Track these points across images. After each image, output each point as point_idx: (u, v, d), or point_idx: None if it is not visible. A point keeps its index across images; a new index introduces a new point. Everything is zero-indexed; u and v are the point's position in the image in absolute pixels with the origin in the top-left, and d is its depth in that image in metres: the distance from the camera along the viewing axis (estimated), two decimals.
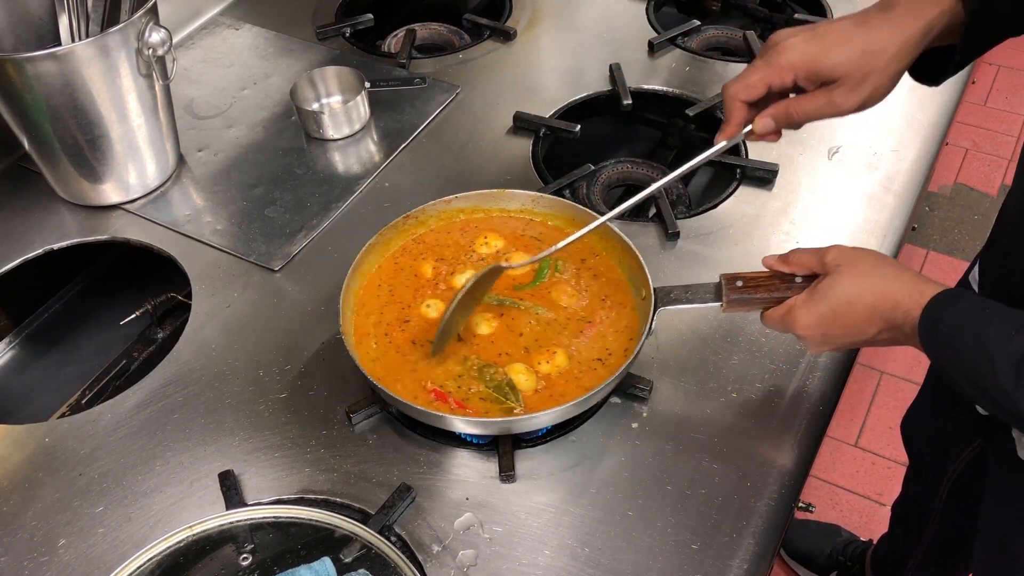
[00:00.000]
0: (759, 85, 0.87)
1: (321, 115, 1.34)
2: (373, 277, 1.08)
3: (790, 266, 0.88)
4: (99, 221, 1.26)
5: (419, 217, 1.11)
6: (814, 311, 0.83)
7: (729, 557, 0.88)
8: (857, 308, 0.81)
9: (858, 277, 0.81)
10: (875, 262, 0.82)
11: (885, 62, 0.83)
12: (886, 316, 0.79)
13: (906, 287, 0.79)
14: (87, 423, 1.02)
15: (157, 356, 1.16)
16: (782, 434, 0.97)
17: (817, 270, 0.86)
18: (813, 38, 0.85)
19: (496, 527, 0.91)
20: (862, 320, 0.81)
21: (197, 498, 0.94)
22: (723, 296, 0.91)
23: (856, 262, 0.82)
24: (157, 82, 1.21)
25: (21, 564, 0.90)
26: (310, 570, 0.84)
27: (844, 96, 0.85)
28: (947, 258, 2.61)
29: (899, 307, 0.78)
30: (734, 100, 0.89)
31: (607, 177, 1.33)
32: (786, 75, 0.86)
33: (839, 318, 0.82)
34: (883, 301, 0.79)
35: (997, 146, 2.93)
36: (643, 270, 1.00)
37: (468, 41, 1.59)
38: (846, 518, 2.04)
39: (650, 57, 1.50)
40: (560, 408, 0.90)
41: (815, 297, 0.83)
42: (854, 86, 0.84)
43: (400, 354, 1.00)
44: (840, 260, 0.83)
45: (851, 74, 0.83)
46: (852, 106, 0.85)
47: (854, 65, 0.83)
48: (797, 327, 0.85)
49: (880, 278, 0.81)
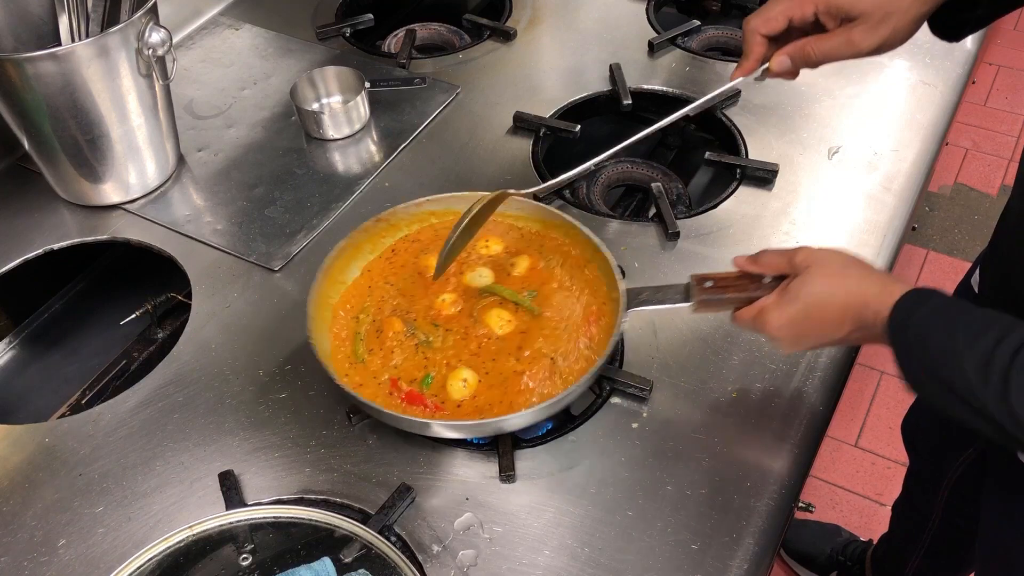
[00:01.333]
0: (780, 18, 0.85)
1: (321, 115, 1.34)
2: (364, 277, 1.07)
3: (759, 267, 0.88)
4: (99, 221, 1.26)
5: (390, 220, 1.10)
6: (785, 312, 0.83)
7: (729, 557, 0.88)
8: (829, 308, 0.81)
9: (828, 277, 0.81)
10: (844, 262, 0.83)
11: (908, 3, 0.82)
12: (857, 315, 0.80)
13: (875, 287, 0.79)
14: (87, 423, 1.02)
15: (157, 356, 1.16)
16: (782, 434, 0.97)
17: (786, 271, 0.86)
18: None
19: (496, 527, 0.91)
20: (834, 320, 0.81)
21: (197, 498, 0.94)
22: (692, 296, 0.91)
23: (826, 262, 0.82)
24: (157, 82, 1.21)
25: (21, 564, 0.90)
26: (310, 570, 0.84)
27: (863, 35, 0.83)
28: (947, 258, 2.61)
29: (869, 307, 0.78)
30: (755, 34, 0.88)
31: (607, 177, 1.33)
32: (807, 7, 0.84)
33: (810, 318, 0.82)
34: (854, 300, 0.80)
35: (997, 146, 2.93)
36: (611, 271, 0.99)
37: (468, 41, 1.59)
38: (846, 518, 2.04)
39: (650, 57, 1.50)
40: (535, 408, 0.90)
41: (786, 298, 0.83)
42: (874, 25, 0.82)
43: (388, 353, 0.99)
44: (809, 261, 0.83)
45: (872, 12, 0.82)
46: (870, 46, 0.84)
47: (875, 3, 0.81)
48: (769, 328, 0.85)
49: (850, 278, 0.81)
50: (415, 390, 0.95)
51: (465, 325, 1.00)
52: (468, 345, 0.98)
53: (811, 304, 0.82)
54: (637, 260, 1.15)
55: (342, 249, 1.06)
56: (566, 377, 0.95)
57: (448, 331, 1.00)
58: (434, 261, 1.07)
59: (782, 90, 1.41)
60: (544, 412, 0.92)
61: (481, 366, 0.97)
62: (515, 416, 0.90)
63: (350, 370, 0.98)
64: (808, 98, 1.40)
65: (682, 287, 0.93)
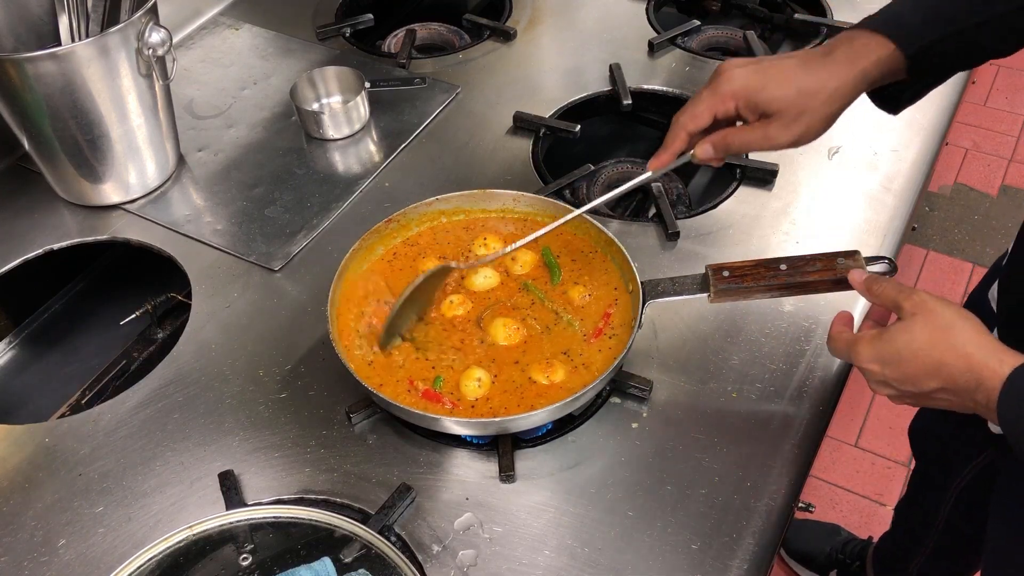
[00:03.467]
0: (706, 114, 0.89)
1: (321, 115, 1.34)
2: (366, 278, 1.07)
3: (873, 296, 0.86)
4: (99, 221, 1.26)
5: (400, 221, 1.11)
6: (878, 349, 0.80)
7: (729, 557, 0.88)
8: (922, 359, 0.77)
9: (932, 330, 0.77)
10: (953, 319, 0.78)
11: (819, 103, 0.87)
12: (953, 376, 0.76)
13: (983, 351, 0.75)
14: (87, 423, 1.02)
15: (157, 356, 1.16)
16: (782, 434, 0.97)
17: (893, 311, 0.83)
18: (756, 71, 0.88)
19: (496, 527, 0.91)
20: (924, 373, 0.78)
21: (197, 498, 0.94)
22: (710, 287, 0.93)
23: (934, 314, 0.78)
24: (157, 82, 1.21)
25: (21, 564, 0.90)
26: (310, 570, 0.84)
27: (778, 130, 0.88)
28: (947, 258, 2.61)
29: (972, 371, 0.74)
30: (682, 129, 0.91)
31: (607, 177, 1.33)
32: (729, 103, 0.88)
33: (901, 364, 0.79)
34: (955, 361, 0.75)
35: (997, 146, 2.93)
36: (629, 264, 1.01)
37: (468, 41, 1.59)
38: (846, 518, 2.04)
39: (650, 57, 1.50)
40: (553, 406, 0.90)
41: (884, 337, 0.80)
42: (788, 122, 0.87)
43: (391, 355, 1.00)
44: (918, 309, 0.79)
45: (786, 110, 0.86)
46: (785, 141, 0.88)
47: (790, 102, 0.86)
48: (860, 360, 0.82)
49: (957, 336, 0.76)
50: (431, 389, 0.95)
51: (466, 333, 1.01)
52: (470, 356, 0.99)
53: (906, 350, 0.78)
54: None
55: (356, 251, 1.06)
56: (584, 373, 0.96)
57: (443, 344, 1.00)
58: (431, 265, 1.07)
59: None
60: (569, 407, 0.93)
61: (491, 367, 0.98)
62: (537, 413, 0.90)
63: (369, 371, 0.98)
64: None
65: (699, 277, 0.96)
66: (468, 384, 0.95)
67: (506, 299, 1.04)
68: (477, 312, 1.03)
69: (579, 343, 0.99)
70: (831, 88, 0.87)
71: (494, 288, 1.05)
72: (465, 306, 1.03)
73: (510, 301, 1.04)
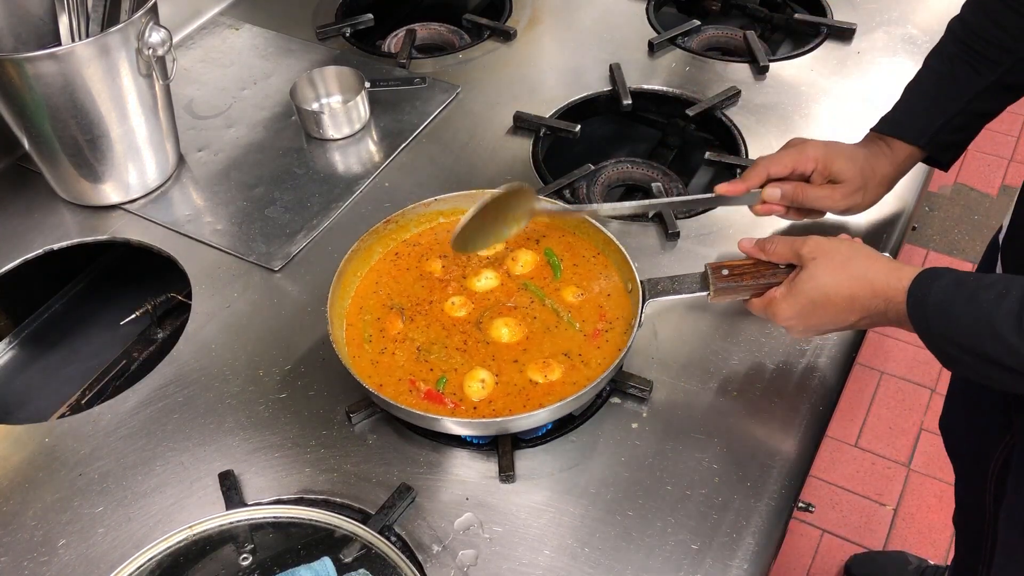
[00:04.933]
0: (789, 164, 1.04)
1: (321, 115, 1.34)
2: (370, 278, 1.07)
3: (767, 255, 0.94)
4: (99, 221, 1.26)
5: (399, 222, 1.11)
6: (794, 304, 0.89)
7: (729, 557, 0.88)
8: (835, 299, 0.86)
9: (834, 269, 0.86)
10: (849, 252, 0.87)
11: (875, 184, 1.06)
12: (865, 304, 0.85)
13: (881, 274, 0.84)
14: (87, 423, 1.02)
15: (157, 356, 1.16)
16: (782, 434, 0.97)
17: (794, 262, 0.91)
18: (833, 146, 1.05)
19: (496, 527, 0.91)
20: (841, 310, 0.87)
21: (197, 498, 0.94)
22: (710, 285, 0.95)
23: (831, 253, 0.87)
24: (157, 82, 1.21)
25: (21, 564, 0.90)
26: (310, 570, 0.84)
27: (843, 195, 1.04)
28: (947, 258, 2.61)
29: (877, 294, 0.83)
30: (764, 169, 1.04)
31: (607, 177, 1.33)
32: (808, 164, 1.04)
33: (818, 309, 0.88)
34: (861, 290, 0.85)
35: (997, 146, 2.93)
36: (628, 263, 1.01)
37: (468, 41, 1.59)
38: (846, 518, 2.04)
39: (650, 57, 1.50)
40: (553, 406, 0.90)
41: (793, 291, 0.89)
42: (851, 191, 1.04)
43: (393, 355, 1.00)
44: (816, 252, 0.88)
45: (852, 180, 1.04)
46: (843, 206, 1.05)
47: (855, 174, 1.04)
48: (778, 319, 0.92)
49: (855, 268, 0.86)
50: (433, 389, 0.95)
51: (469, 335, 1.01)
52: (474, 357, 0.99)
53: (818, 296, 0.87)
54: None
55: (354, 252, 1.06)
56: (584, 372, 0.96)
57: (446, 347, 1.00)
58: (437, 266, 1.08)
59: (782, 90, 1.41)
60: (569, 407, 0.93)
61: (492, 366, 0.98)
62: (537, 413, 0.90)
63: (370, 371, 0.98)
64: (808, 98, 1.40)
65: (699, 276, 0.97)
66: (472, 385, 0.95)
67: (506, 299, 1.04)
68: (478, 313, 1.03)
69: (579, 343, 0.99)
70: (882, 174, 1.07)
71: (494, 289, 1.06)
72: (467, 307, 1.03)
73: (511, 301, 1.04)
